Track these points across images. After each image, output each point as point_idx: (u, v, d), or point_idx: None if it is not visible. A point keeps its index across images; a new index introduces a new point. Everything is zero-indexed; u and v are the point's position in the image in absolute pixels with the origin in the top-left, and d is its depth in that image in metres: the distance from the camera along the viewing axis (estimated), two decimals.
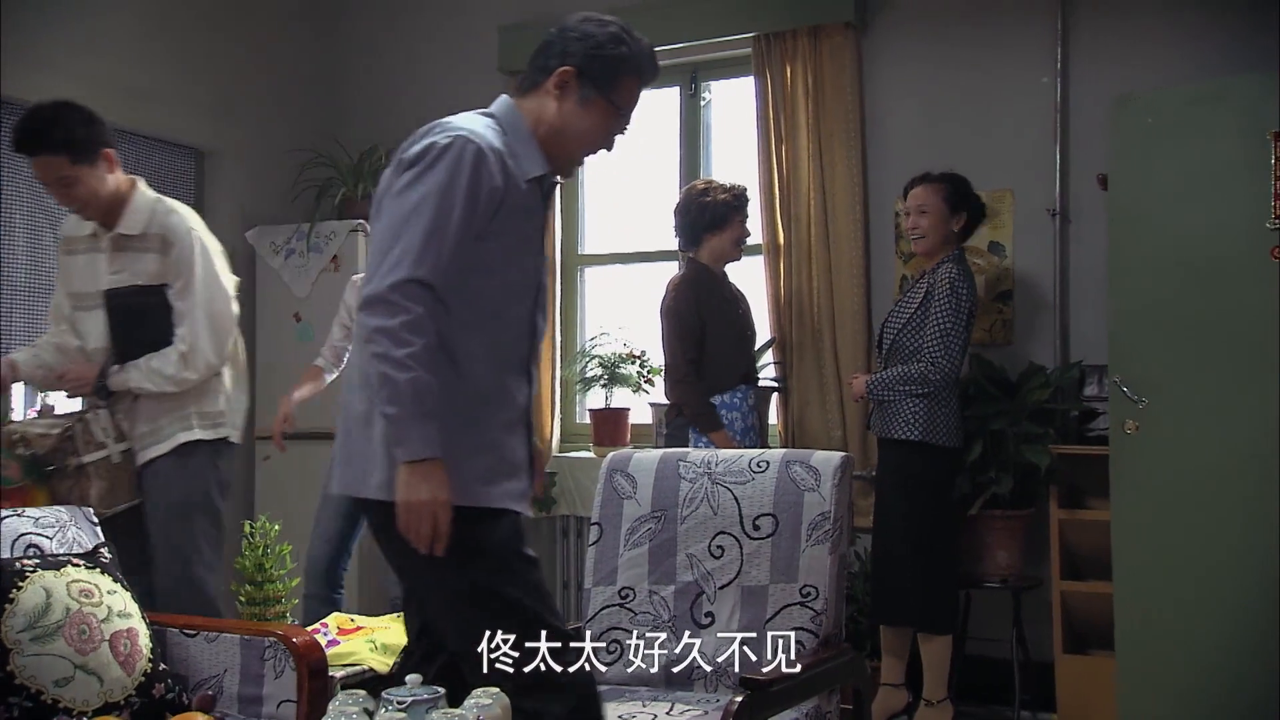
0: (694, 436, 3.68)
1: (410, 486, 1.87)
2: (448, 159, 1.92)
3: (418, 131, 2.01)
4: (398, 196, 1.93)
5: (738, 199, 3.84)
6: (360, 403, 1.99)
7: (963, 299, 3.58)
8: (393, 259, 1.87)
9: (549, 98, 2.09)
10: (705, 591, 2.69)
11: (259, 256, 4.87)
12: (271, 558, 2.88)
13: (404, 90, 5.28)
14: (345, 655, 2.73)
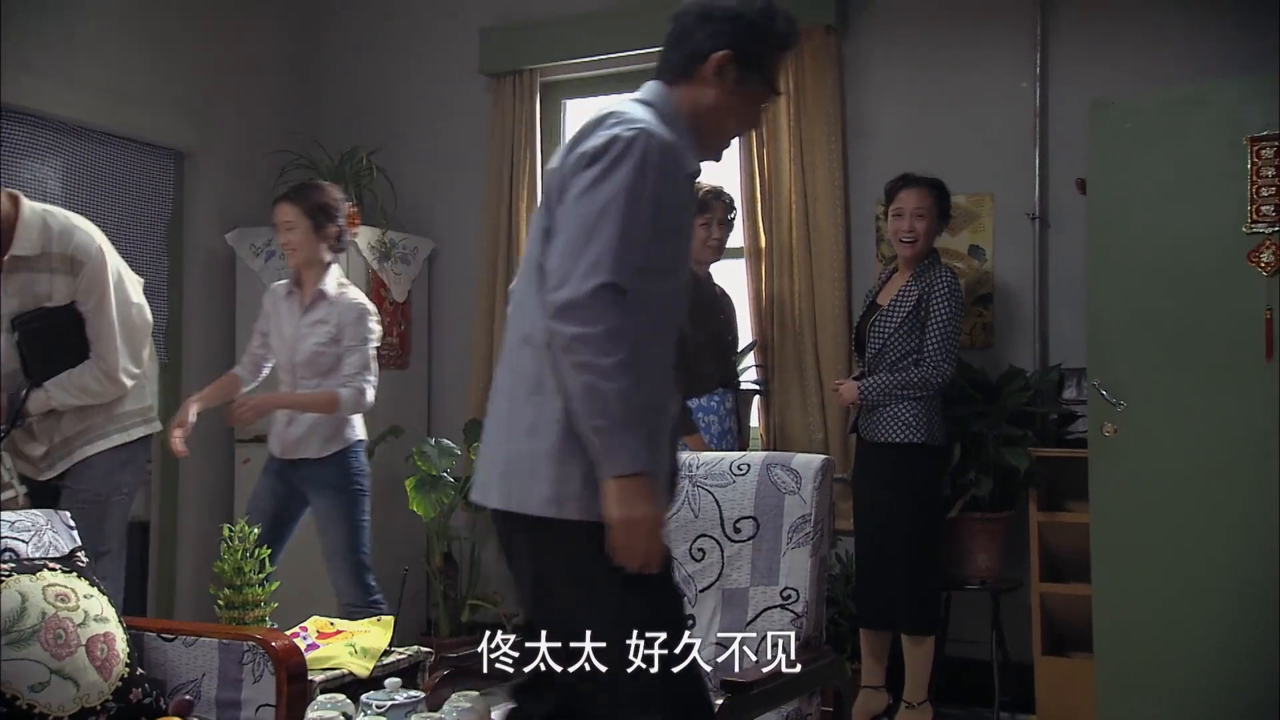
0: (706, 435, 3.67)
1: (625, 503, 1.75)
2: (634, 155, 1.80)
3: (591, 120, 1.88)
4: (585, 194, 1.79)
5: (704, 197, 3.79)
6: (528, 412, 1.84)
7: (960, 304, 3.62)
8: (588, 262, 1.73)
9: (706, 85, 1.97)
10: (686, 594, 2.69)
11: (239, 258, 4.84)
12: (250, 561, 2.86)
13: (385, 92, 5.27)
14: (325, 659, 2.71)
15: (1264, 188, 3.24)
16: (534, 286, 1.85)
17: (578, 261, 1.74)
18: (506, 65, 4.88)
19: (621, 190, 1.78)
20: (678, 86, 1.99)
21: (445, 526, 4.62)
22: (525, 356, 1.85)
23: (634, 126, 1.83)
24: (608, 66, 4.84)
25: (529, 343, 1.84)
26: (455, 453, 4.58)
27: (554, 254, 1.78)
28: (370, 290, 4.79)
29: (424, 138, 5.19)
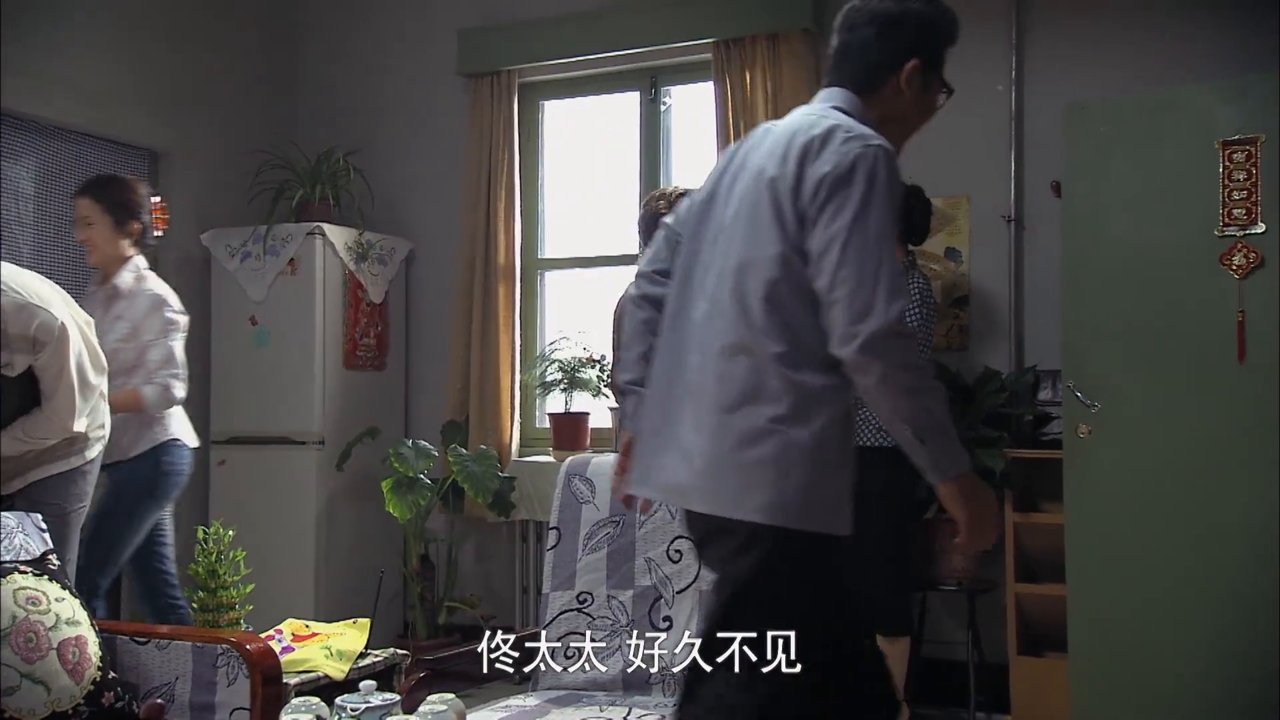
0: None
1: (970, 497, 1.85)
2: (883, 173, 1.84)
3: (817, 134, 1.87)
4: (858, 219, 1.80)
5: None
6: (740, 421, 1.86)
7: (932, 308, 3.62)
8: (885, 291, 1.77)
9: (897, 92, 2.01)
10: (663, 596, 2.69)
11: (214, 259, 4.82)
12: (225, 564, 2.85)
13: (362, 92, 5.25)
14: (300, 662, 2.70)
15: (1235, 191, 3.27)
16: (747, 294, 1.87)
17: (875, 290, 1.77)
18: (484, 66, 4.87)
19: (882, 205, 1.82)
20: (870, 95, 2.01)
21: (422, 528, 4.61)
22: (739, 366, 1.87)
23: (870, 143, 1.86)
24: (587, 68, 4.83)
25: (744, 353, 1.86)
26: (432, 454, 4.57)
27: (839, 282, 1.79)
28: (347, 291, 4.78)
29: (401, 138, 5.17)
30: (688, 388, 1.93)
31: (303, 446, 4.64)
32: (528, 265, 4.98)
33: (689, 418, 1.92)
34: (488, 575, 4.93)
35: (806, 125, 1.90)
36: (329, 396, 4.69)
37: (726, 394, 1.87)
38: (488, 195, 4.85)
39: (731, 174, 2.01)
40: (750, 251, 1.88)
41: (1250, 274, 3.29)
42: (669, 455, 1.94)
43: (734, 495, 1.84)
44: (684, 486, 1.91)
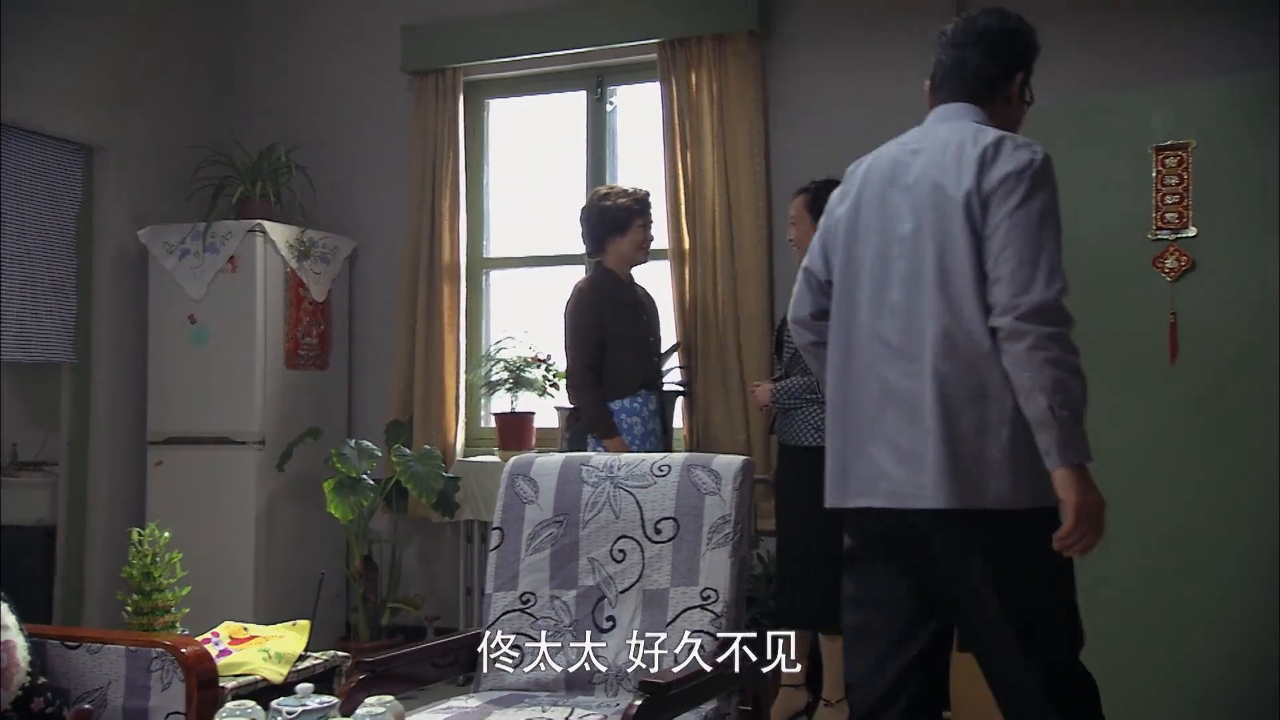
0: (593, 441, 3.67)
1: (1085, 488, 1.95)
2: (1048, 171, 2.05)
3: (988, 144, 2.07)
4: (1020, 209, 2.00)
5: (639, 202, 3.85)
6: (970, 416, 2.01)
7: None
8: (1045, 270, 1.96)
9: (1009, 103, 2.24)
10: (607, 596, 2.69)
11: (152, 257, 4.73)
12: (161, 566, 2.79)
13: (304, 88, 5.19)
14: (237, 665, 2.66)
15: (1168, 195, 3.34)
16: (963, 298, 2.02)
17: (1035, 270, 1.96)
18: (429, 63, 4.84)
19: (1050, 205, 2.03)
20: (985, 106, 2.22)
21: (365, 529, 4.56)
22: (958, 369, 2.03)
23: (1036, 149, 2.07)
24: (532, 66, 4.82)
25: (962, 357, 2.02)
26: (375, 454, 4.53)
27: (1003, 263, 1.98)
28: (289, 289, 4.72)
29: (345, 135, 5.12)
30: (891, 399, 2.09)
31: (243, 447, 4.58)
32: (473, 264, 4.95)
33: (900, 425, 2.07)
34: (432, 576, 4.90)
35: (970, 138, 2.09)
36: (270, 396, 4.62)
37: (951, 396, 2.02)
38: (432, 194, 4.81)
39: (871, 200, 2.18)
40: (949, 262, 2.04)
41: (1182, 277, 3.36)
42: (882, 464, 2.10)
43: (981, 483, 1.99)
44: (913, 489, 2.04)
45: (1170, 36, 3.91)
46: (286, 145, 4.86)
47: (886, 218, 2.14)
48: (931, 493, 2.02)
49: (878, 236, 2.15)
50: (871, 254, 2.15)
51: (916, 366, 2.05)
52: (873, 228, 2.16)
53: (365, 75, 5.09)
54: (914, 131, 2.25)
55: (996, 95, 2.22)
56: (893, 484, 2.09)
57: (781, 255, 4.40)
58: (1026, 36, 2.25)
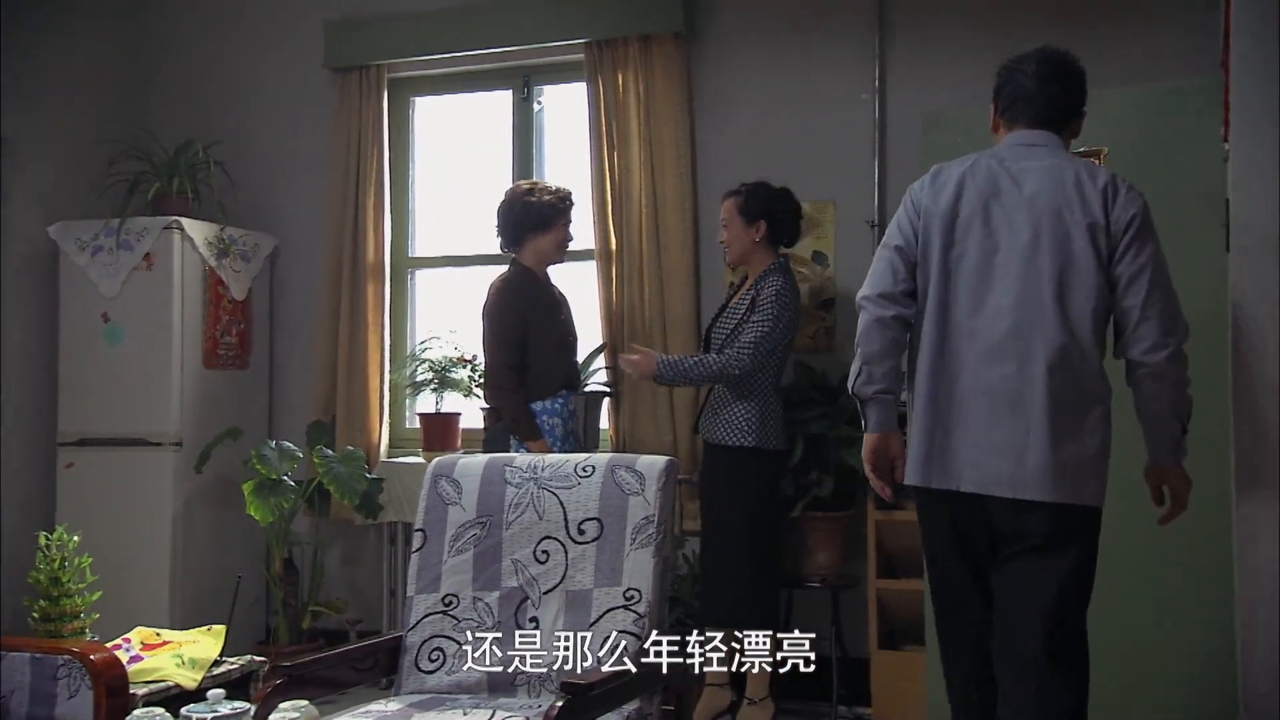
0: (515, 442, 3.65)
1: (1189, 477, 2.36)
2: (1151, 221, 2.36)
3: (1106, 182, 2.35)
4: (1154, 258, 2.32)
5: (563, 201, 3.83)
6: (1073, 421, 2.27)
7: (785, 309, 3.67)
8: (1176, 317, 2.31)
9: (1072, 135, 2.56)
10: (530, 597, 2.68)
11: (63, 253, 4.60)
12: (69, 571, 2.72)
13: (223, 83, 5.09)
14: (149, 671, 2.60)
15: None
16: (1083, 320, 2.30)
17: (1176, 319, 2.30)
18: (352, 60, 4.77)
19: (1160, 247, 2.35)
20: (1061, 135, 2.51)
21: (286, 531, 4.49)
22: (1069, 375, 2.27)
23: (1140, 192, 2.37)
24: (458, 64, 4.78)
25: (1072, 363, 2.27)
26: (297, 455, 4.45)
27: (1152, 303, 2.28)
28: (208, 287, 4.63)
29: (266, 132, 5.03)
30: (996, 394, 2.29)
31: (159, 448, 4.47)
32: (397, 263, 4.90)
33: (1005, 419, 2.27)
34: (355, 579, 4.83)
35: (1084, 172, 2.37)
36: (187, 396, 4.53)
37: (1059, 395, 2.25)
38: (356, 191, 4.75)
39: (973, 206, 2.37)
40: (1070, 281, 2.28)
41: None
42: (984, 452, 2.29)
43: (1074, 484, 2.26)
44: (1016, 479, 2.26)
45: (1084, 45, 3.99)
46: (205, 141, 4.76)
47: (993, 227, 2.34)
48: (1035, 487, 2.26)
49: (982, 241, 2.34)
50: (974, 257, 2.34)
51: (1027, 370, 2.28)
52: (976, 233, 2.35)
53: (286, 70, 5.01)
54: (1004, 149, 2.47)
55: (1066, 127, 2.50)
56: (984, 474, 2.30)
57: (708, 257, 4.43)
58: (1085, 78, 2.54)
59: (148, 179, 4.62)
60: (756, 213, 3.77)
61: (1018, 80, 2.50)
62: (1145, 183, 3.34)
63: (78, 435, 4.56)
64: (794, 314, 3.73)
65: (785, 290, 3.70)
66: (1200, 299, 3.16)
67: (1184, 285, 3.25)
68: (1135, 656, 3.27)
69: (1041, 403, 2.25)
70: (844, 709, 3.94)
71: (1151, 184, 3.35)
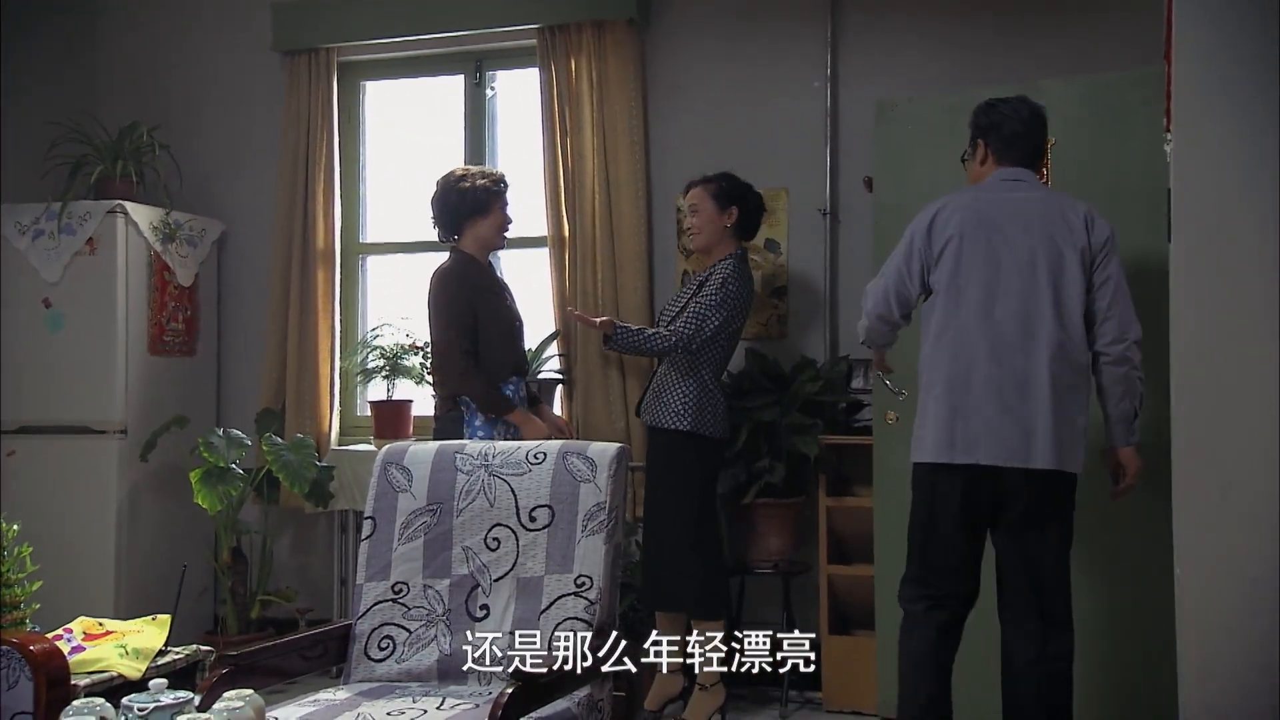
0: (469, 430, 3.62)
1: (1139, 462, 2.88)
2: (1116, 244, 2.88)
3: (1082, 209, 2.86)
4: (1117, 266, 2.84)
5: (498, 184, 3.75)
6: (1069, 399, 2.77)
7: (730, 293, 3.68)
8: (1130, 317, 2.83)
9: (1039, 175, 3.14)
10: (481, 584, 2.67)
11: (3, 237, 4.50)
12: (9, 560, 2.66)
13: (168, 65, 5.01)
14: (91, 662, 2.56)
15: None
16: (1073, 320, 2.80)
17: (1133, 321, 2.82)
18: (300, 43, 4.71)
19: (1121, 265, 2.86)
20: (1036, 170, 3.03)
21: (234, 520, 4.44)
22: (1065, 362, 2.77)
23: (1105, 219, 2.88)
24: (409, 49, 4.73)
25: (1067, 353, 2.78)
26: (245, 443, 4.40)
27: (1113, 305, 2.81)
28: (153, 273, 4.56)
29: (212, 115, 4.95)
30: (1009, 377, 2.77)
31: (103, 436, 4.41)
32: (348, 249, 4.85)
33: (1014, 399, 2.76)
34: (305, 568, 4.79)
35: (1068, 203, 2.89)
36: (132, 384, 4.46)
37: (1059, 381, 2.75)
38: (305, 176, 4.69)
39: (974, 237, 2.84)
40: (1063, 293, 2.79)
41: None
42: (996, 427, 2.76)
43: (1069, 452, 2.76)
44: (1028, 451, 2.74)
45: (1029, 36, 4.05)
46: (149, 123, 4.68)
47: (995, 249, 2.82)
48: (1042, 456, 2.74)
49: (987, 263, 2.82)
50: (981, 275, 2.82)
51: (1032, 361, 2.76)
52: (979, 256, 2.83)
53: (234, 53, 4.93)
54: (993, 183, 2.93)
55: (1040, 164, 3.09)
56: (1009, 445, 2.76)
57: (661, 243, 4.43)
58: None
59: (90, 162, 4.54)
60: (730, 198, 3.78)
61: (1012, 124, 2.93)
62: (1089, 173, 3.41)
63: (19, 423, 4.48)
64: (742, 300, 3.73)
65: (734, 277, 3.71)
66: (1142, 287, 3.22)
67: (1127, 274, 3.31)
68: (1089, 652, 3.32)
69: (1046, 388, 2.75)
70: (794, 693, 3.97)
71: (1095, 174, 3.41)
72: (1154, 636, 3.16)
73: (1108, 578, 3.38)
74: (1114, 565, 3.36)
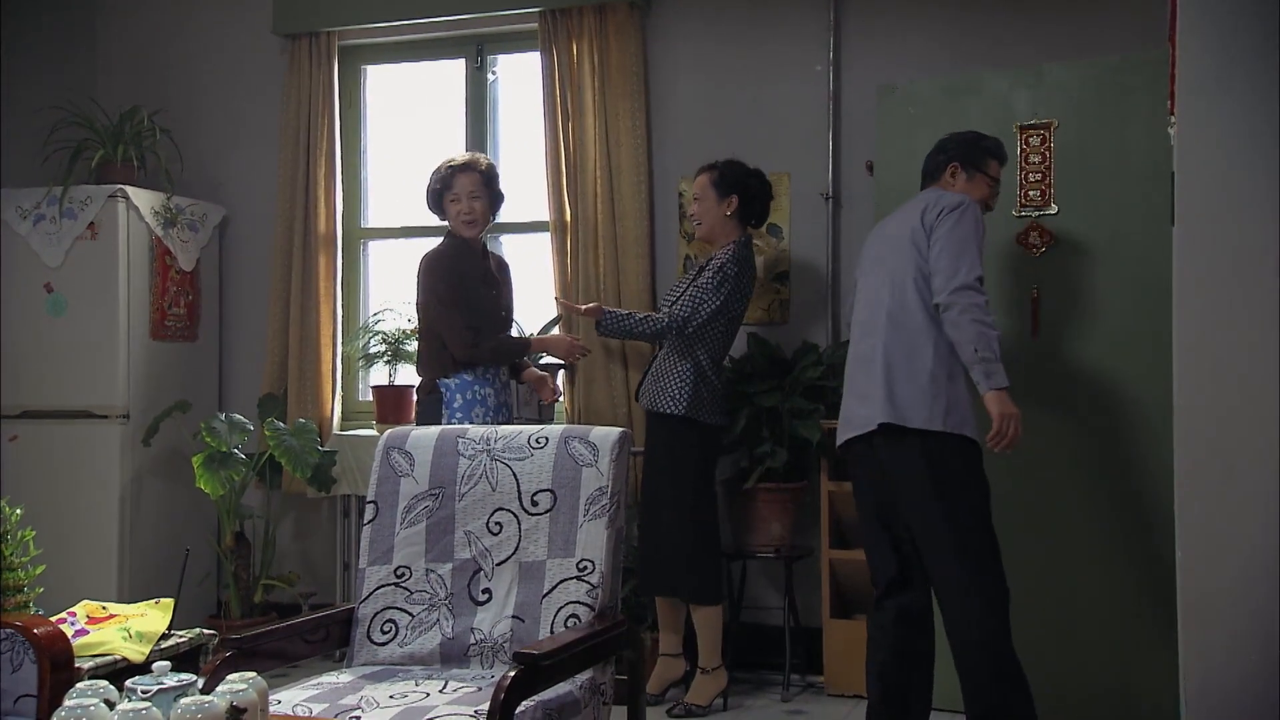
0: (448, 411, 3.61)
1: (1005, 403, 2.82)
2: (971, 208, 2.98)
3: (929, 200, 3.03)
4: (953, 229, 2.92)
5: (446, 171, 3.73)
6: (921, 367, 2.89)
7: (727, 277, 3.68)
8: (967, 264, 2.86)
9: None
10: (483, 568, 2.67)
11: (4, 222, 4.50)
12: (12, 544, 2.67)
13: (169, 50, 5.00)
14: (95, 645, 2.57)
15: (1031, 174, 3.45)
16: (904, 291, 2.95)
17: (959, 265, 2.86)
18: (301, 26, 4.69)
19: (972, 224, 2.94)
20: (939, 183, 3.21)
21: (236, 505, 4.44)
22: (900, 329, 2.93)
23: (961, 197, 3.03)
24: (410, 33, 4.72)
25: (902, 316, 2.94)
26: (247, 428, 4.41)
27: (940, 258, 2.89)
28: (154, 258, 4.55)
29: (213, 99, 4.94)
30: (857, 361, 3.05)
31: (105, 421, 4.41)
32: (349, 234, 4.84)
33: (861, 378, 3.02)
34: (308, 552, 4.80)
35: (929, 199, 3.05)
36: (134, 368, 4.46)
37: (890, 349, 2.95)
38: (307, 161, 4.68)
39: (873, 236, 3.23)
40: (896, 263, 3.02)
41: (1044, 254, 3.48)
42: (848, 406, 3.04)
43: (912, 409, 2.87)
44: (867, 417, 2.94)
45: (1034, 19, 4.03)
46: (150, 108, 4.67)
47: (876, 252, 3.18)
48: (878, 417, 2.88)
49: (872, 266, 3.19)
50: (865, 279, 3.16)
51: (873, 339, 2.96)
52: (868, 259, 3.22)
53: (234, 36, 4.92)
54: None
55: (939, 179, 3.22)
56: (849, 422, 2.99)
57: (663, 227, 4.42)
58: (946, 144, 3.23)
59: (91, 146, 4.53)
60: (729, 186, 3.78)
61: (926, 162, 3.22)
62: (1093, 156, 3.40)
63: (21, 408, 4.48)
64: (740, 286, 3.72)
65: (733, 261, 3.70)
66: (1144, 271, 3.21)
67: (1130, 258, 3.30)
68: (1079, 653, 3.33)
69: (880, 359, 2.94)
70: (796, 677, 3.98)
71: (1099, 157, 3.40)
72: (1155, 622, 3.17)
73: (1109, 563, 3.38)
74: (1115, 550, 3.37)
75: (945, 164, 3.17)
